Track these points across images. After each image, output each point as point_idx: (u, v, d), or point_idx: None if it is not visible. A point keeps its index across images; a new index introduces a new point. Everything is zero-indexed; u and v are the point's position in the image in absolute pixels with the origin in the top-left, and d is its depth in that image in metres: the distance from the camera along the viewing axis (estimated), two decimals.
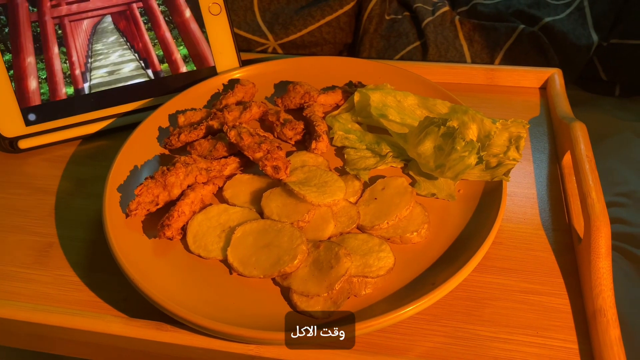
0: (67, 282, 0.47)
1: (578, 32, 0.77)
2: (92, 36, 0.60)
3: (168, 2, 0.62)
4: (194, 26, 0.62)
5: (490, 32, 0.78)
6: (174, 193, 0.49)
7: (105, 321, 0.42)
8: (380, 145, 0.54)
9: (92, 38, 0.60)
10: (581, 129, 0.52)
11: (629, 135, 0.77)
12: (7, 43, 0.58)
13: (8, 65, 0.58)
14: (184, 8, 0.62)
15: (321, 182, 0.50)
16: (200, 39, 0.63)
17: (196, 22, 0.62)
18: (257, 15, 0.83)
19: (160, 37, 0.62)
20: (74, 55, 0.60)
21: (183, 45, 0.62)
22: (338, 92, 0.60)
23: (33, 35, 0.58)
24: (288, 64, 0.65)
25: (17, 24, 0.58)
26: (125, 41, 0.61)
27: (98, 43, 0.61)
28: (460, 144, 0.46)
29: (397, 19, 0.84)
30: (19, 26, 0.58)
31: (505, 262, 0.46)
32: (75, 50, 0.60)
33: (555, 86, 0.62)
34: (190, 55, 0.63)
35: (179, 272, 0.45)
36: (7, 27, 0.57)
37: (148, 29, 0.62)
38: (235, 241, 0.46)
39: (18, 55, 0.58)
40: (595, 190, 0.46)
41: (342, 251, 0.44)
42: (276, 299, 0.43)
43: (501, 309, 0.43)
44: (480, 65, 0.66)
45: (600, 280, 0.42)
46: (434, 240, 0.47)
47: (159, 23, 0.62)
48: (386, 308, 0.40)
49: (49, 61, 0.59)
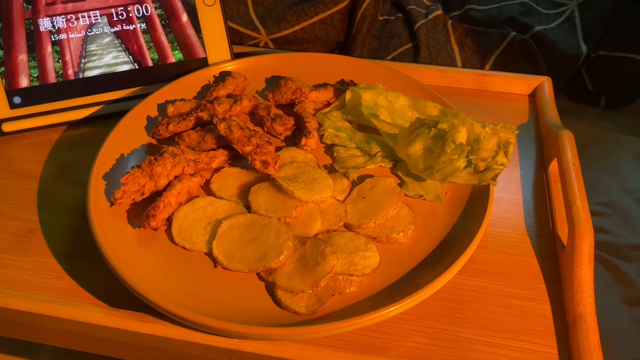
0: (47, 269, 0.46)
1: (568, 42, 0.78)
2: (87, 36, 0.60)
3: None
4: (187, 21, 0.62)
5: (481, 38, 0.79)
6: (161, 183, 0.48)
7: (86, 310, 0.41)
8: (370, 145, 0.54)
9: (86, 38, 0.59)
10: (569, 137, 0.52)
11: (613, 146, 0.78)
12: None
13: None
14: (177, 2, 0.61)
15: (310, 179, 0.50)
16: (193, 31, 0.62)
17: (189, 15, 0.62)
18: (250, 9, 0.83)
19: (155, 41, 0.61)
20: (67, 54, 0.59)
21: (178, 50, 0.62)
22: (330, 90, 0.60)
23: (26, 33, 0.57)
24: (281, 59, 0.65)
25: (11, 20, 0.57)
26: (120, 43, 0.60)
27: (92, 44, 0.60)
28: (450, 147, 0.46)
29: (390, 20, 0.84)
30: (12, 22, 0.57)
31: (489, 265, 0.47)
32: (69, 49, 0.59)
33: (545, 94, 0.62)
34: (180, 45, 0.62)
35: (162, 263, 0.45)
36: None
37: (143, 32, 0.61)
38: (221, 234, 0.46)
39: (10, 52, 0.57)
40: (581, 199, 0.46)
41: (329, 249, 0.44)
42: (260, 294, 0.43)
43: (484, 312, 0.44)
44: (471, 70, 0.67)
45: (582, 287, 0.42)
46: (420, 241, 0.47)
47: (155, 26, 0.61)
48: (370, 307, 0.40)
49: (42, 59, 0.58)
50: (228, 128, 0.51)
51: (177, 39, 0.62)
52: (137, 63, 0.61)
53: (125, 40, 0.61)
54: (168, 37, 0.62)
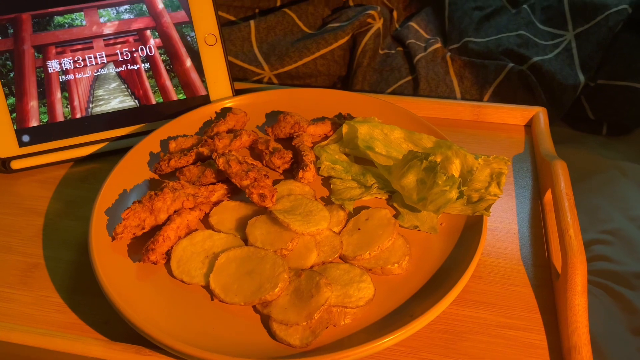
0: (49, 303, 0.47)
1: (565, 72, 0.79)
2: (94, 82, 0.62)
3: (166, 41, 0.64)
4: (190, 62, 0.65)
5: (480, 70, 0.80)
6: (161, 218, 0.50)
7: (85, 344, 0.42)
8: (366, 177, 0.55)
9: (94, 84, 0.62)
10: (562, 167, 0.53)
11: (615, 173, 0.78)
12: (11, 87, 0.59)
13: (11, 109, 0.60)
14: (180, 44, 0.64)
15: (306, 211, 0.51)
16: (195, 72, 0.65)
17: (192, 56, 0.65)
18: (254, 46, 0.85)
19: (160, 85, 0.64)
20: (76, 100, 0.62)
21: (181, 90, 0.64)
22: (327, 123, 0.61)
23: (37, 80, 0.60)
24: (280, 95, 0.66)
25: (22, 69, 0.60)
26: (126, 88, 0.63)
27: (100, 89, 0.62)
28: (442, 179, 0.47)
29: (390, 54, 0.86)
30: (23, 71, 0.60)
31: (485, 296, 0.47)
32: (77, 95, 0.62)
33: (540, 124, 0.63)
34: (182, 85, 0.65)
35: (161, 296, 0.46)
36: (12, 72, 0.59)
37: (149, 77, 0.64)
38: (218, 267, 0.47)
39: (21, 99, 0.60)
40: (574, 228, 0.46)
41: (323, 281, 0.44)
42: (256, 327, 0.44)
43: (479, 342, 0.44)
44: (468, 102, 0.68)
45: (575, 317, 0.42)
46: (414, 272, 0.47)
47: (160, 71, 0.64)
48: (364, 339, 0.41)
49: (51, 105, 0.61)
50: (227, 163, 0.52)
51: (179, 79, 0.64)
52: (140, 101, 0.63)
53: (131, 84, 0.63)
54: (172, 82, 0.64)
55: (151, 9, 0.63)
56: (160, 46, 0.64)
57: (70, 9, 0.61)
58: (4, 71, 0.59)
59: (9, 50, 0.59)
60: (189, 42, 0.64)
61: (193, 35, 0.64)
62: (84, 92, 0.62)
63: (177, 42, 0.64)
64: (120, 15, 0.62)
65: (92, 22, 0.62)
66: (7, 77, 0.59)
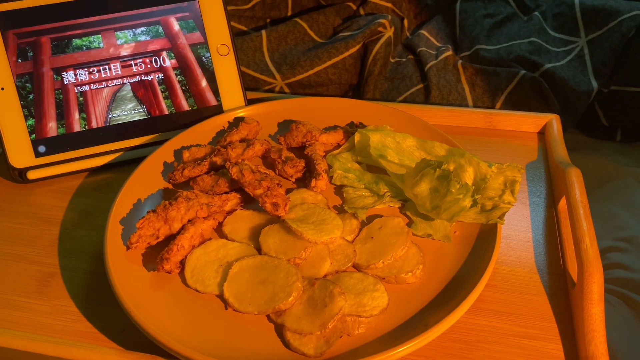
0: (65, 312, 0.48)
1: (578, 78, 0.78)
2: (112, 103, 0.63)
3: (182, 62, 0.65)
4: (202, 75, 0.66)
5: (491, 77, 0.80)
6: (175, 227, 0.50)
7: (100, 353, 0.43)
8: (379, 185, 0.55)
9: (111, 105, 0.63)
10: (576, 174, 0.53)
11: (630, 180, 0.77)
12: (30, 109, 0.61)
13: (30, 130, 0.61)
14: (196, 64, 0.65)
15: (319, 220, 0.51)
16: (207, 83, 0.66)
17: (206, 76, 0.66)
18: (265, 56, 0.86)
19: (176, 105, 0.65)
20: (93, 121, 0.63)
21: (195, 104, 0.65)
22: (339, 132, 0.62)
23: (55, 102, 0.61)
24: (292, 104, 0.67)
25: (42, 91, 0.61)
26: (143, 109, 0.64)
27: (117, 110, 0.63)
28: (455, 187, 0.47)
29: (401, 62, 0.86)
30: (42, 93, 0.61)
31: (499, 305, 0.47)
32: (94, 116, 0.63)
33: (553, 131, 0.63)
34: (195, 97, 0.65)
35: (175, 305, 0.46)
36: (32, 94, 0.61)
37: (165, 97, 0.65)
38: (232, 276, 0.47)
39: (40, 121, 0.61)
40: (589, 236, 0.46)
41: (337, 290, 0.44)
42: (270, 336, 0.44)
43: (494, 352, 0.43)
44: (480, 110, 0.68)
45: (592, 327, 0.42)
46: (428, 281, 0.47)
47: (176, 92, 0.65)
48: (378, 348, 0.41)
49: (69, 126, 0.62)
50: (240, 172, 0.52)
51: (192, 93, 0.65)
52: (154, 114, 0.64)
53: (147, 105, 0.64)
54: (186, 95, 0.65)
55: (167, 30, 0.64)
56: (175, 67, 0.65)
57: (88, 32, 0.62)
58: (24, 93, 0.60)
59: (28, 73, 0.60)
60: (205, 62, 0.65)
61: (208, 56, 0.65)
62: (101, 113, 0.63)
63: (192, 62, 0.65)
64: (136, 37, 0.63)
65: (110, 44, 0.63)
66: (27, 99, 0.61)
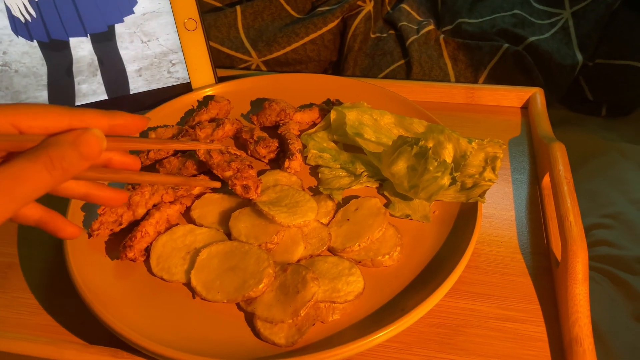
0: (24, 305, 0.45)
1: (563, 51, 0.76)
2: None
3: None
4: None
5: (474, 51, 0.77)
6: (139, 212, 0.47)
7: (59, 347, 0.40)
8: (355, 165, 0.52)
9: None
10: (560, 149, 0.50)
11: (616, 155, 0.75)
12: None
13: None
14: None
15: (292, 202, 0.49)
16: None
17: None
18: (240, 32, 0.82)
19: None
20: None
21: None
22: (315, 110, 0.59)
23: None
24: (265, 81, 0.64)
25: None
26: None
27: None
28: (433, 164, 0.44)
29: (382, 37, 0.83)
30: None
31: (481, 287, 0.45)
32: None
33: (537, 106, 0.61)
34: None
35: (140, 295, 0.44)
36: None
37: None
38: (200, 263, 0.44)
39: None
40: (573, 213, 0.44)
41: (310, 275, 0.42)
42: (240, 326, 0.41)
43: (475, 336, 0.41)
44: (461, 84, 0.65)
45: (577, 307, 0.40)
46: (406, 263, 0.45)
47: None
48: (353, 335, 0.39)
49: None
50: (207, 153, 0.50)
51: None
52: (118, 92, 0.61)
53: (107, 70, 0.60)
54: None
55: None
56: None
57: None
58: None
59: None
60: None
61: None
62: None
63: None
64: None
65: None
66: None
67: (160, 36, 0.61)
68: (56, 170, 0.30)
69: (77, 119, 0.32)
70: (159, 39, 0.61)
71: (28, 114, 0.30)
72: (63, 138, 0.31)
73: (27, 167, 0.29)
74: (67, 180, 0.32)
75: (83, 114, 0.32)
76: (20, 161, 0.29)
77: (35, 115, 0.31)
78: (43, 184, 0.30)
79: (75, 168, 0.31)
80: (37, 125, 0.31)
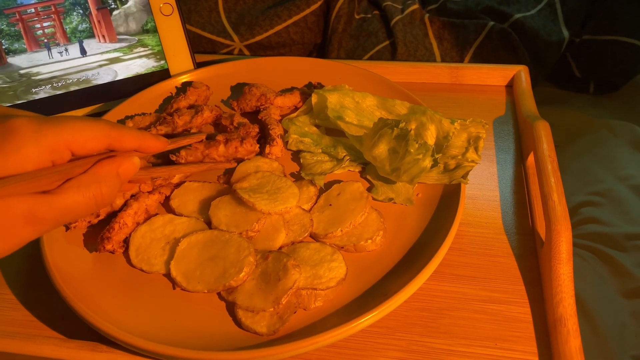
0: (2, 300, 0.44)
1: (549, 28, 0.75)
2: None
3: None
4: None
5: (459, 30, 0.76)
6: (117, 204, 0.46)
7: (37, 343, 0.39)
8: (337, 149, 0.51)
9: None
10: (544, 127, 0.50)
11: (604, 132, 0.75)
12: None
13: None
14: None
15: (274, 189, 0.48)
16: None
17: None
18: (222, 16, 0.81)
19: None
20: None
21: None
22: (296, 94, 0.58)
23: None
24: (244, 65, 0.62)
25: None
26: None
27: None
28: (414, 146, 0.44)
29: (366, 18, 0.82)
30: None
31: (465, 269, 0.44)
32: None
33: (522, 84, 0.60)
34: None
35: (119, 288, 0.43)
36: None
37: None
38: (180, 254, 0.43)
39: None
40: (557, 192, 0.43)
41: (291, 262, 0.41)
42: (221, 316, 0.41)
43: (459, 319, 0.41)
44: (445, 64, 0.64)
45: (561, 288, 0.39)
46: (389, 247, 0.44)
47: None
48: (336, 322, 0.38)
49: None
50: (185, 158, 0.49)
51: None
52: (97, 80, 0.59)
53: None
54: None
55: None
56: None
57: None
58: None
59: None
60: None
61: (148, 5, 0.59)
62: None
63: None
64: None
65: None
66: None
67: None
68: (104, 199, 0.35)
69: (116, 142, 0.36)
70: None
71: (79, 139, 0.34)
72: (109, 170, 0.36)
73: (79, 202, 0.34)
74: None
75: (121, 137, 0.36)
76: (73, 195, 0.34)
77: (85, 140, 0.34)
78: (89, 212, 0.35)
79: (124, 182, 0.37)
80: (88, 148, 0.35)
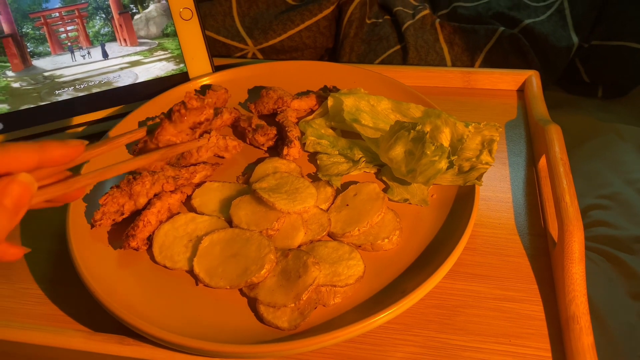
0: (30, 295, 0.46)
1: (558, 33, 0.76)
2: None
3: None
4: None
5: (470, 35, 0.77)
6: (140, 202, 0.48)
7: (66, 336, 0.41)
8: (353, 151, 0.53)
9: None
10: (556, 131, 0.51)
11: (612, 137, 0.76)
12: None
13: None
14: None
15: (292, 189, 0.49)
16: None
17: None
18: (236, 21, 0.82)
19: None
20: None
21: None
22: (312, 97, 0.59)
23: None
24: (262, 69, 0.64)
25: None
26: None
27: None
28: (430, 149, 0.45)
29: (377, 23, 0.83)
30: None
31: (479, 268, 0.45)
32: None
33: (533, 88, 0.61)
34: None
35: (144, 284, 0.44)
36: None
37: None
38: (202, 251, 0.45)
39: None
40: (569, 194, 0.45)
41: (311, 260, 0.43)
42: (243, 311, 0.42)
43: (474, 317, 0.42)
44: (457, 69, 0.66)
45: (573, 286, 0.40)
46: (405, 246, 0.46)
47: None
48: (355, 318, 0.39)
49: None
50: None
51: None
52: (118, 82, 0.61)
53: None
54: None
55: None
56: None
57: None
58: None
59: None
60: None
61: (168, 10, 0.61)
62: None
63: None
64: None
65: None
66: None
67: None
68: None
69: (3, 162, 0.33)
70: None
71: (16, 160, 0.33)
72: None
73: None
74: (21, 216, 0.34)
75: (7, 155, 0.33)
76: None
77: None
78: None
79: (17, 210, 0.33)
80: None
